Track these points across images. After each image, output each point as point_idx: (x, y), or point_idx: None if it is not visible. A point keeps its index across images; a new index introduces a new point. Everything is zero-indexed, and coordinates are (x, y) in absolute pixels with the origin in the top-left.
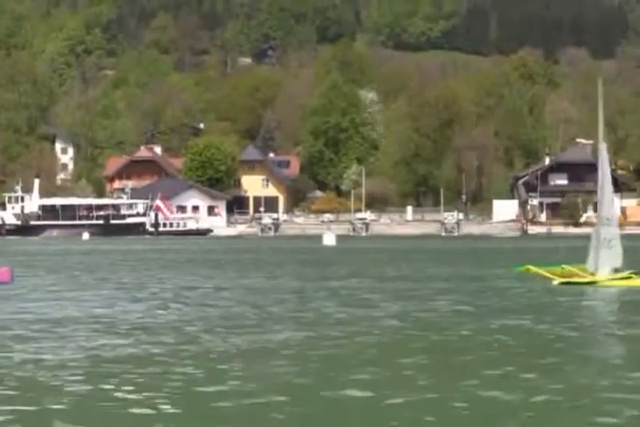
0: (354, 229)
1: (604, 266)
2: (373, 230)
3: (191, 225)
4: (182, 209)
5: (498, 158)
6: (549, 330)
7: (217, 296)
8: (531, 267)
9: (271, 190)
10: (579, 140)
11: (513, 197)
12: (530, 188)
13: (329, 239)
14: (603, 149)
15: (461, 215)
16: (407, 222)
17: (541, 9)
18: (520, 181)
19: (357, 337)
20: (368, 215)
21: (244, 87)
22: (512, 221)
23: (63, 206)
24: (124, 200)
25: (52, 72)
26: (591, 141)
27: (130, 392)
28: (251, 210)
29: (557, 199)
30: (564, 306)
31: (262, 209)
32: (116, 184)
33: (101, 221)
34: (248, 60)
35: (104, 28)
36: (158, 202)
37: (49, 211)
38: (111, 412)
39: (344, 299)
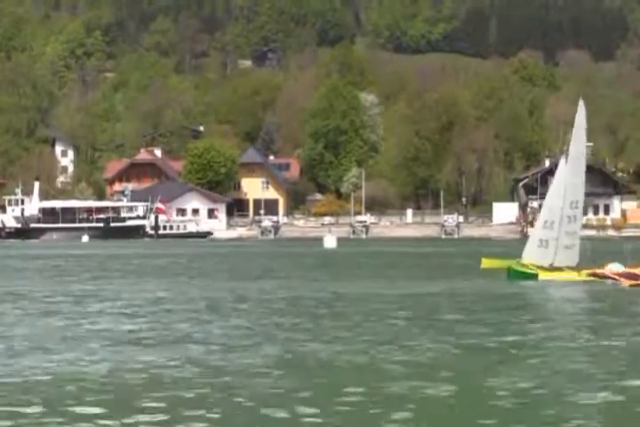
0: (354, 232)
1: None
2: (373, 233)
3: (191, 228)
4: (182, 212)
5: (498, 161)
6: None
7: None
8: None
9: (271, 193)
10: None
11: (513, 200)
12: (530, 190)
13: (330, 242)
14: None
15: (461, 218)
16: (407, 225)
17: (541, 11)
18: (520, 184)
19: None
20: (368, 218)
21: (244, 90)
22: (512, 223)
23: (63, 209)
24: (124, 203)
25: (51, 75)
26: (591, 144)
27: None
28: (251, 213)
29: None
30: None
31: (262, 212)
32: (116, 187)
33: (101, 224)
34: (248, 63)
35: (104, 30)
36: (159, 204)
37: (49, 214)
38: None
39: None
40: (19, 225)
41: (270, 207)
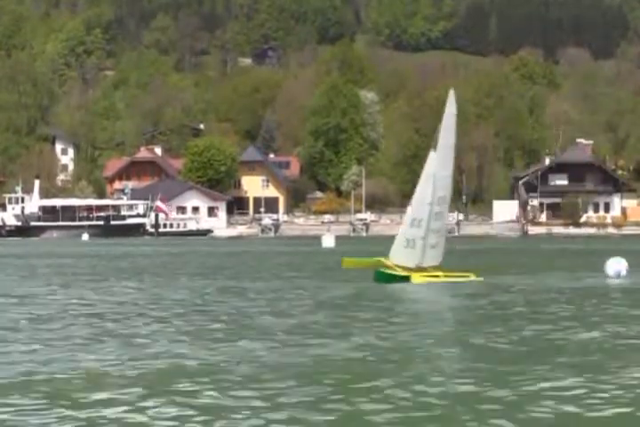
0: (354, 230)
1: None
2: (373, 231)
3: (191, 226)
4: (182, 210)
5: (498, 159)
6: None
7: None
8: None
9: (271, 191)
10: (579, 140)
11: (513, 198)
12: (530, 188)
13: (328, 241)
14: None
15: (461, 216)
16: None
17: (541, 9)
18: (520, 182)
19: None
20: (368, 216)
21: (245, 88)
22: (512, 221)
23: (63, 207)
24: (125, 201)
25: (52, 73)
26: (591, 142)
27: None
28: (251, 211)
29: (557, 199)
30: None
31: (262, 210)
32: (117, 185)
33: (101, 222)
34: (248, 61)
35: (104, 28)
36: (159, 203)
37: (49, 212)
38: None
39: None
40: (19, 223)
41: (270, 205)
